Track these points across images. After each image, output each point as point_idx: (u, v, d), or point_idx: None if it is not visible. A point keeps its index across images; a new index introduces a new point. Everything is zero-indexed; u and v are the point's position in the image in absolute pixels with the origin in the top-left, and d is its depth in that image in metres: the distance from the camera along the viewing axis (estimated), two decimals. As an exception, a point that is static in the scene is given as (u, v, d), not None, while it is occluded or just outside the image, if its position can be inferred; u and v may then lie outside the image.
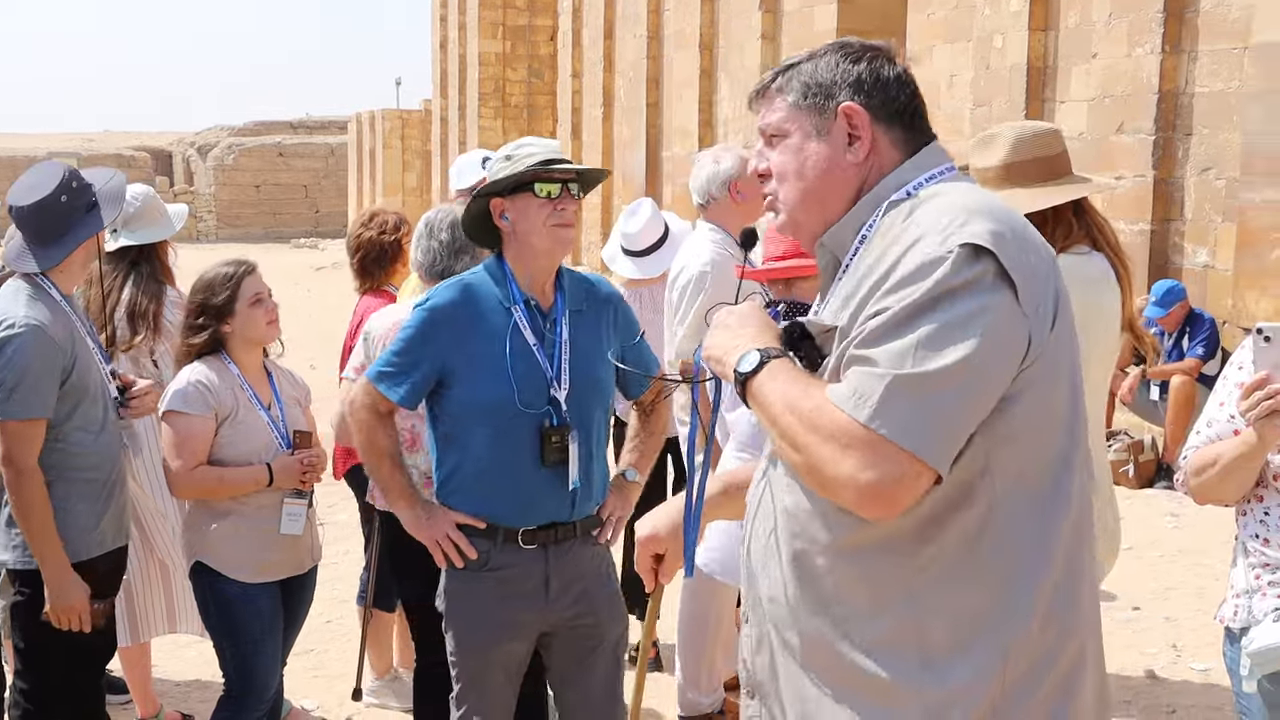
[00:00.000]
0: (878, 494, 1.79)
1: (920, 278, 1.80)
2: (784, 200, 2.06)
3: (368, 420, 3.43)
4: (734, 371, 1.96)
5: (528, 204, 3.31)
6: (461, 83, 28.66)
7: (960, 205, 1.88)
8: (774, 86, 2.07)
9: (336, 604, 6.24)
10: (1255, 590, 2.86)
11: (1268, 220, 8.46)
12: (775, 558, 2.03)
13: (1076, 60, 10.50)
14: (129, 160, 43.28)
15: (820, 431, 1.82)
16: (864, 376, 1.80)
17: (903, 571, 1.90)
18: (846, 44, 2.07)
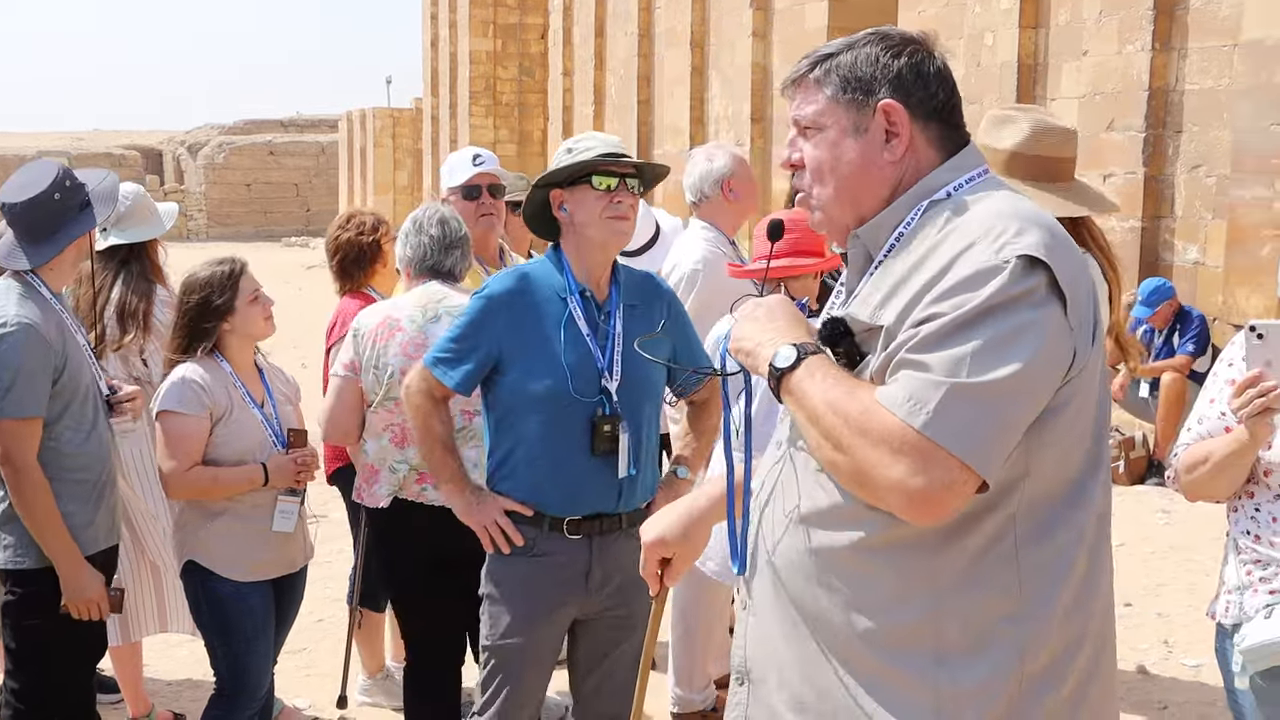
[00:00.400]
0: (927, 500, 1.80)
1: (976, 286, 1.81)
2: (818, 196, 2.04)
3: (423, 405, 3.48)
4: (769, 366, 1.95)
5: (585, 195, 3.37)
6: (452, 81, 28.63)
7: (1010, 213, 1.89)
8: (811, 76, 2.02)
9: (328, 603, 6.23)
10: (1247, 586, 2.86)
11: (1258, 217, 8.48)
12: (795, 544, 2.02)
13: (1067, 57, 10.52)
14: (119, 159, 43.18)
15: (869, 435, 1.81)
16: (919, 382, 1.80)
17: (928, 569, 1.91)
18: (887, 35, 2.03)
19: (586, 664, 3.54)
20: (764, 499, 2.13)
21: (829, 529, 1.97)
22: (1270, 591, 2.82)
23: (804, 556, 2.00)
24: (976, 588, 1.90)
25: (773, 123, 15.19)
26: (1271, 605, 2.81)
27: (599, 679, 3.54)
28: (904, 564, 1.92)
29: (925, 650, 1.91)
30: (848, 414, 1.83)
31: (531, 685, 3.48)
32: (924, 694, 1.90)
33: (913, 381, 1.80)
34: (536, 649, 3.44)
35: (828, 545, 1.97)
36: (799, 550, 2.01)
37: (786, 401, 1.94)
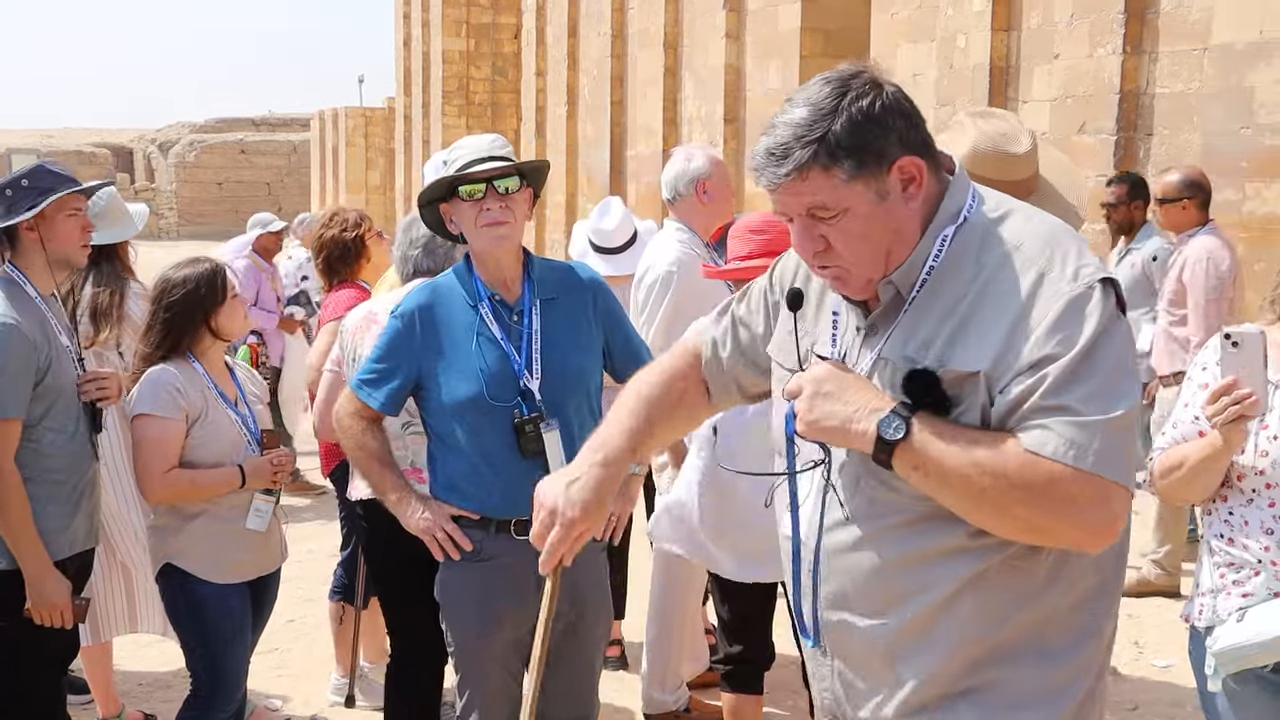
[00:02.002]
0: (1108, 531, 1.87)
1: (1077, 319, 1.85)
2: (854, 266, 1.97)
3: (353, 426, 3.49)
4: (875, 440, 1.88)
5: (459, 207, 3.39)
6: (425, 81, 28.55)
7: (1050, 234, 1.96)
8: (817, 165, 1.90)
9: (300, 603, 6.20)
10: (1220, 590, 2.88)
11: (1228, 220, 8.53)
12: (881, 590, 2.01)
13: (1039, 60, 10.57)
14: (90, 156, 42.92)
15: (1037, 488, 1.82)
16: (1074, 427, 1.82)
17: (1029, 578, 1.97)
18: (845, 84, 1.94)
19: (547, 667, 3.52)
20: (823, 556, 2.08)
21: (923, 572, 1.98)
22: (1243, 594, 2.84)
23: (894, 600, 2.00)
24: (1069, 582, 1.98)
25: (745, 124, 15.20)
26: (1244, 608, 2.82)
27: (558, 681, 3.52)
28: (1006, 581, 1.96)
29: (1031, 650, 1.99)
30: (1004, 471, 1.83)
31: (500, 687, 3.47)
32: (1033, 685, 1.99)
33: (1066, 427, 1.82)
34: (500, 652, 3.44)
35: (924, 584, 1.98)
36: (887, 594, 2.00)
37: (903, 469, 1.89)
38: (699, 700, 4.95)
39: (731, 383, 2.37)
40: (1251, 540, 2.82)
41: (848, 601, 2.04)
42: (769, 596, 4.08)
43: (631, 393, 2.36)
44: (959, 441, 1.86)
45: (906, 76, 12.30)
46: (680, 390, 2.38)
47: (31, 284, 3.77)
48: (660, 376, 2.39)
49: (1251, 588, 2.82)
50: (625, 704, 5.05)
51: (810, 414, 1.94)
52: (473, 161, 3.38)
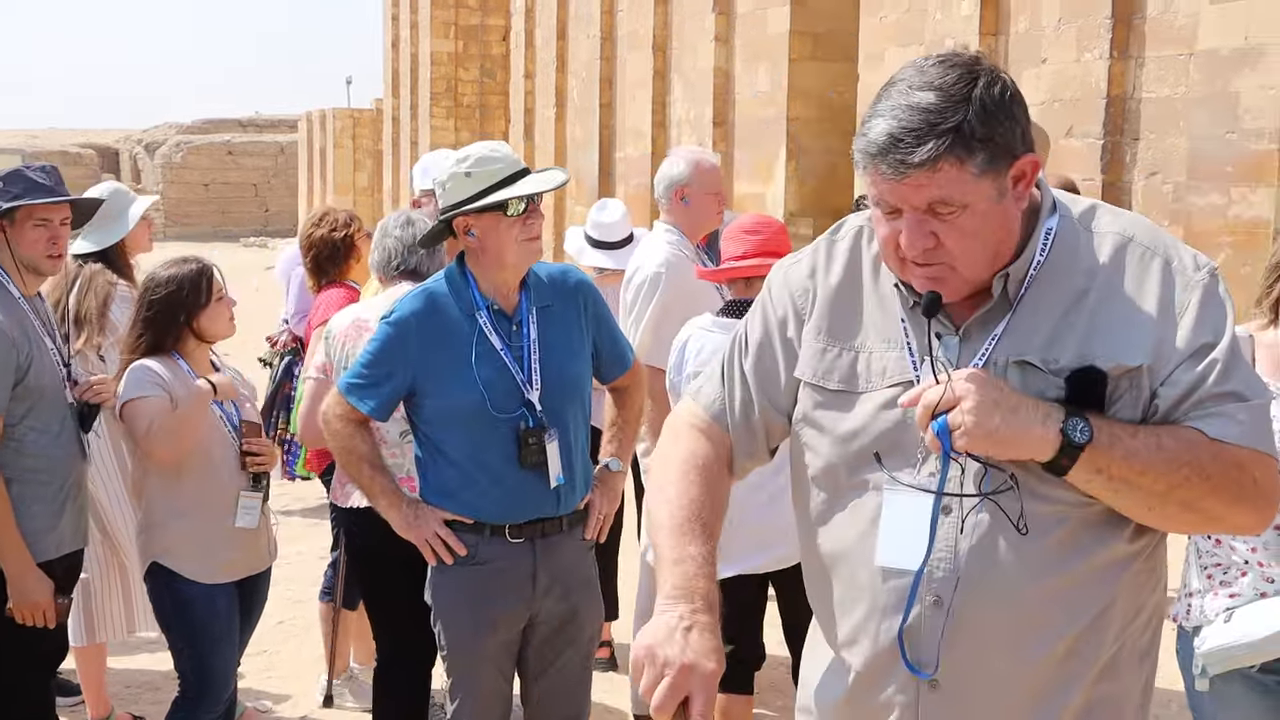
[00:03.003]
0: (1274, 510, 1.88)
1: (1218, 307, 1.86)
2: (962, 265, 1.85)
3: (342, 429, 3.46)
4: (1061, 446, 1.78)
5: (497, 222, 3.32)
6: (413, 82, 28.53)
7: (1145, 222, 1.96)
8: (952, 157, 1.78)
9: (290, 604, 6.20)
10: (1207, 590, 2.89)
11: (1213, 224, 8.59)
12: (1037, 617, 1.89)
13: (1026, 64, 10.61)
14: (75, 157, 42.78)
15: (1228, 475, 1.81)
16: (1247, 411, 1.83)
17: (1139, 572, 1.95)
18: (977, 74, 1.82)
19: (536, 667, 3.53)
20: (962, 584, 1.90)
21: (1079, 587, 1.89)
22: (1230, 595, 2.85)
23: (1047, 625, 1.89)
24: (1156, 576, 1.98)
25: (734, 127, 15.23)
26: (1231, 609, 2.84)
27: (549, 682, 3.53)
28: (1141, 582, 1.96)
29: (1136, 654, 1.98)
30: (1197, 462, 1.80)
31: (494, 690, 3.47)
32: (1136, 689, 2.00)
33: (1243, 412, 1.83)
34: (494, 656, 3.43)
35: (1081, 602, 1.89)
36: (1041, 619, 1.89)
37: (1083, 473, 1.80)
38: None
39: (763, 441, 2.14)
40: (1238, 541, 2.83)
41: (990, 633, 1.89)
42: (759, 596, 4.10)
43: (675, 505, 2.03)
44: (1142, 438, 1.80)
45: (895, 80, 12.33)
46: (714, 469, 2.10)
47: (13, 284, 3.78)
48: (696, 476, 2.07)
49: (1238, 588, 2.84)
50: (615, 705, 5.05)
51: (982, 426, 1.78)
52: (514, 175, 3.33)
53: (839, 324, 2.01)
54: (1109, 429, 1.79)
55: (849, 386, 1.97)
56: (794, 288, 2.08)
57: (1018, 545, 1.85)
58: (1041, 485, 1.84)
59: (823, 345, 2.01)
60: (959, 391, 1.80)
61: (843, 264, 2.04)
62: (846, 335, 2.00)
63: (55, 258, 3.93)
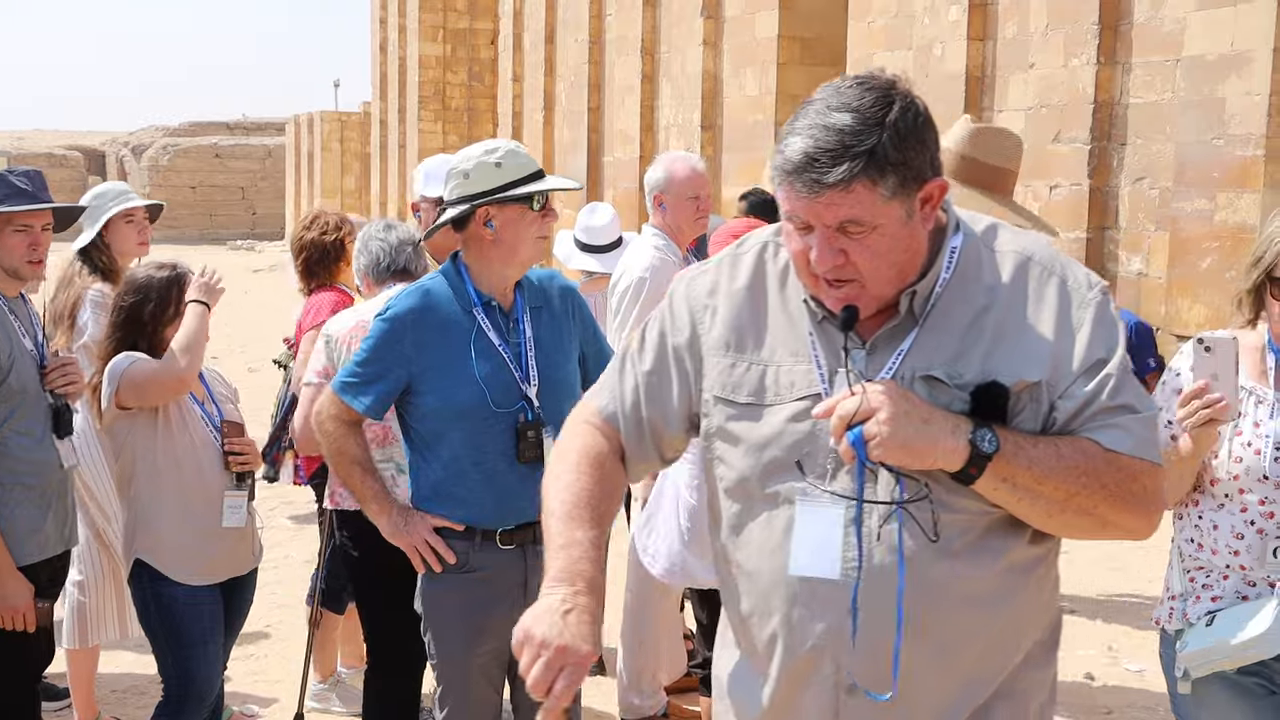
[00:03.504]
0: (1160, 516, 1.98)
1: (1110, 324, 1.95)
2: (873, 282, 1.91)
3: (335, 430, 3.43)
4: (969, 456, 1.85)
5: (520, 215, 3.34)
6: (401, 85, 28.51)
7: (1045, 241, 2.04)
8: (865, 178, 1.83)
9: (277, 608, 6.19)
10: (1190, 594, 2.90)
11: (1199, 229, 8.63)
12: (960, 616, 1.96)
13: (1014, 70, 10.65)
14: (61, 159, 42.69)
15: (1121, 485, 1.90)
16: (1139, 423, 1.93)
17: (1044, 570, 2.06)
18: (892, 98, 1.87)
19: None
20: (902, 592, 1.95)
21: (993, 588, 1.97)
22: (1213, 599, 2.86)
23: (971, 623, 1.97)
24: (1054, 576, 2.11)
25: (722, 130, 15.25)
26: (1213, 612, 2.85)
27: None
28: (1045, 583, 2.07)
29: (1047, 646, 2.10)
30: (1093, 472, 1.88)
31: (483, 700, 3.46)
32: (1046, 679, 2.11)
33: (1136, 424, 1.92)
34: (484, 665, 3.42)
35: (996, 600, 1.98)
36: (963, 618, 1.96)
37: (989, 482, 1.87)
38: (677, 705, 4.96)
39: (652, 448, 2.17)
40: (1221, 545, 2.85)
41: (927, 634, 1.94)
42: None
43: (565, 493, 2.08)
44: (1043, 448, 1.88)
45: (882, 85, 12.36)
46: (605, 462, 2.14)
47: None
48: (588, 467, 2.12)
49: (1220, 591, 2.85)
50: (603, 709, 5.05)
51: (895, 436, 1.83)
52: (537, 172, 3.36)
53: (746, 338, 2.05)
54: (1014, 440, 1.87)
55: (758, 399, 2.01)
56: (695, 303, 2.11)
57: (930, 552, 1.91)
58: (950, 494, 1.90)
59: (730, 360, 2.05)
60: (874, 403, 1.85)
61: (747, 278, 2.08)
62: (754, 349, 2.04)
63: (35, 263, 3.92)
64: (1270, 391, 2.84)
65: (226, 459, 3.90)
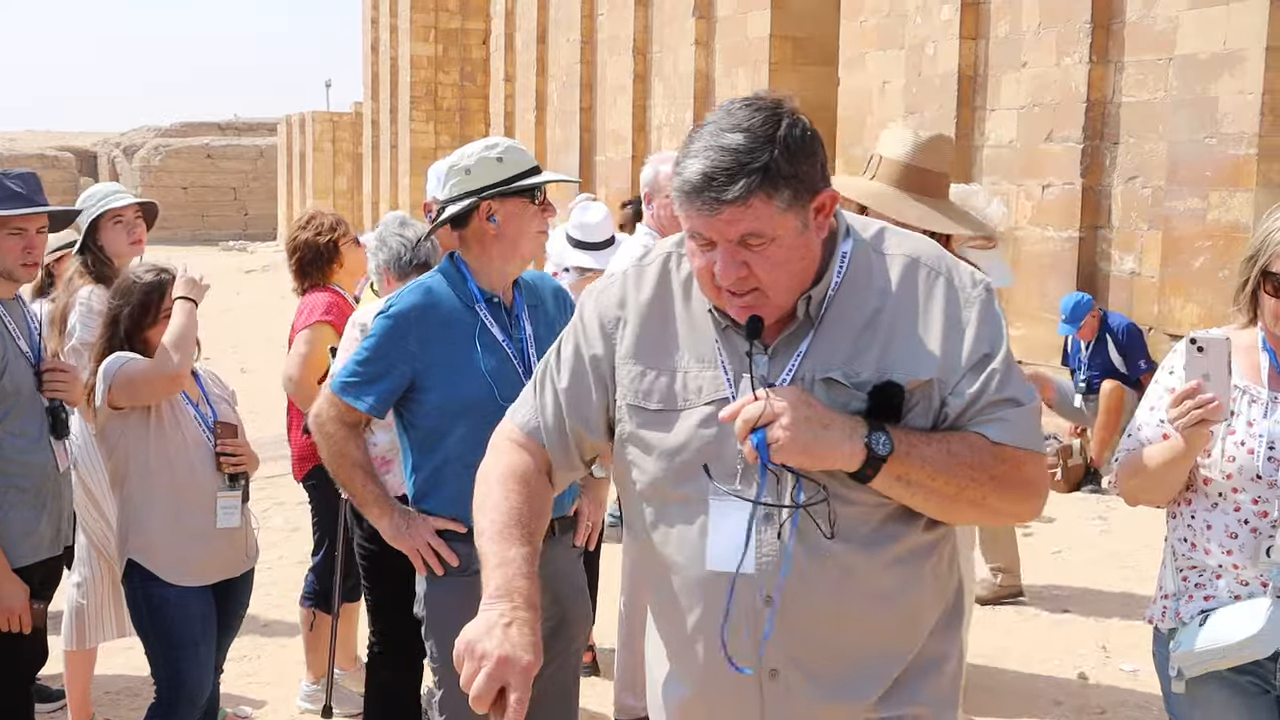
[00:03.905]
0: (1044, 501, 2.12)
1: (994, 321, 2.06)
2: (772, 292, 2.00)
3: (336, 432, 3.40)
4: (866, 457, 1.95)
5: (523, 209, 3.36)
6: (393, 86, 28.48)
7: (930, 242, 2.15)
8: (760, 193, 1.92)
9: (272, 608, 6.18)
10: (1183, 593, 2.91)
11: (1192, 228, 8.64)
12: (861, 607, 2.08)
13: (1007, 69, 10.65)
14: (52, 160, 42.61)
15: (1008, 475, 2.02)
16: (1022, 415, 2.04)
17: (937, 554, 2.17)
18: (780, 115, 1.98)
19: None
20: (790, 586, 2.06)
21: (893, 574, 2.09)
22: (1205, 598, 2.86)
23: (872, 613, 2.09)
24: (952, 561, 2.21)
25: (715, 131, 15.25)
26: (1206, 611, 2.85)
27: (538, 690, 3.49)
28: (943, 567, 2.18)
29: (952, 618, 2.21)
30: (981, 465, 2.00)
31: None
32: (952, 647, 2.22)
33: (1019, 416, 2.04)
34: None
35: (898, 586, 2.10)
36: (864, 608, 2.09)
37: (885, 480, 1.98)
38: None
39: (576, 457, 2.27)
40: (1214, 545, 2.85)
41: (818, 625, 2.07)
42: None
43: (497, 512, 2.15)
44: (934, 445, 1.99)
45: (876, 85, 12.37)
46: (532, 479, 2.22)
47: None
48: (515, 485, 2.19)
49: (1213, 591, 2.85)
50: (598, 709, 5.05)
51: (796, 440, 1.94)
52: (534, 168, 3.38)
53: (654, 347, 2.14)
54: (907, 440, 1.98)
55: (668, 405, 2.10)
56: (605, 316, 2.20)
57: (833, 545, 2.03)
58: (848, 490, 2.01)
59: (640, 368, 2.14)
60: (777, 408, 1.95)
61: (652, 289, 2.17)
62: (662, 357, 2.13)
63: (30, 266, 3.92)
64: (1264, 390, 2.84)
65: (219, 460, 3.89)
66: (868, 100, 12.40)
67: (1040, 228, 10.24)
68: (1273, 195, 7.56)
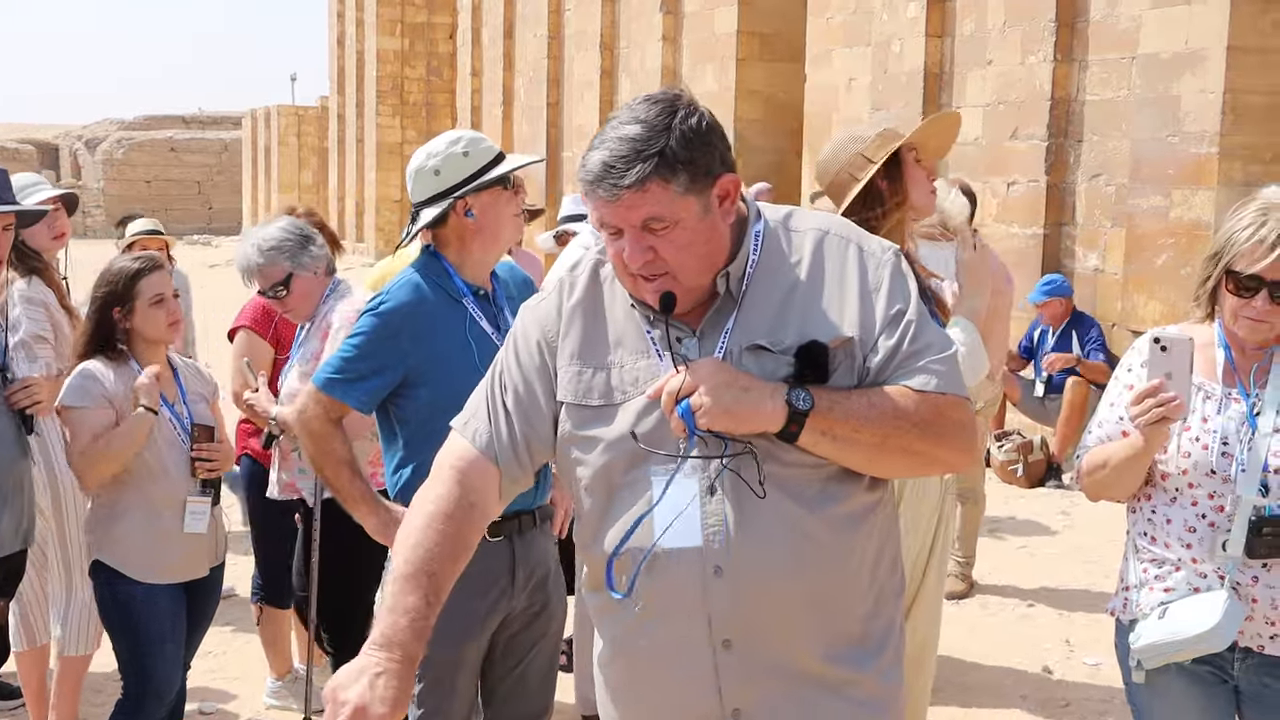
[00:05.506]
0: (974, 444, 2.18)
1: (901, 278, 2.17)
2: (683, 275, 2.11)
3: (321, 430, 3.35)
4: (788, 414, 2.04)
5: (497, 198, 3.37)
6: (359, 80, 28.36)
7: (837, 216, 2.35)
8: (657, 178, 2.03)
9: (236, 605, 6.15)
10: (1143, 585, 2.94)
11: (1155, 226, 8.72)
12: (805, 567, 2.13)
13: (972, 66, 10.71)
14: (13, 153, 42.16)
15: (931, 420, 2.09)
16: (939, 363, 2.12)
17: (881, 513, 2.24)
18: (671, 104, 2.08)
19: (504, 665, 3.47)
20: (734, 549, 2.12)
21: (837, 535, 2.15)
22: (1165, 590, 2.89)
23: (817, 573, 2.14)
24: (895, 525, 2.31)
25: (682, 126, 15.26)
26: (1165, 604, 2.88)
27: (516, 679, 3.50)
28: (889, 527, 2.26)
29: (896, 583, 2.28)
30: (903, 413, 2.08)
31: (466, 692, 3.42)
32: (897, 615, 2.29)
33: (937, 364, 2.12)
34: (468, 659, 3.38)
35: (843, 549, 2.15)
36: (808, 568, 2.13)
37: (810, 436, 2.06)
38: None
39: (529, 467, 2.32)
40: (1173, 538, 2.88)
41: (766, 591, 2.11)
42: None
43: (410, 552, 2.20)
44: (855, 398, 2.08)
45: (842, 81, 12.42)
46: (461, 518, 2.25)
47: None
48: (440, 524, 2.23)
49: (1173, 583, 2.88)
50: (560, 699, 5.05)
51: (718, 404, 2.03)
52: (499, 155, 3.40)
53: (588, 347, 2.23)
54: (827, 395, 2.07)
55: (608, 400, 2.19)
56: (544, 324, 2.30)
57: (773, 510, 2.10)
58: (784, 453, 2.09)
59: (578, 368, 2.23)
60: (697, 377, 2.05)
61: (582, 293, 2.27)
62: (597, 355, 2.22)
63: None
64: (1218, 387, 2.87)
65: (193, 465, 3.87)
66: (834, 96, 12.44)
67: (1005, 224, 10.30)
68: (1234, 193, 7.63)
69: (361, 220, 28.30)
